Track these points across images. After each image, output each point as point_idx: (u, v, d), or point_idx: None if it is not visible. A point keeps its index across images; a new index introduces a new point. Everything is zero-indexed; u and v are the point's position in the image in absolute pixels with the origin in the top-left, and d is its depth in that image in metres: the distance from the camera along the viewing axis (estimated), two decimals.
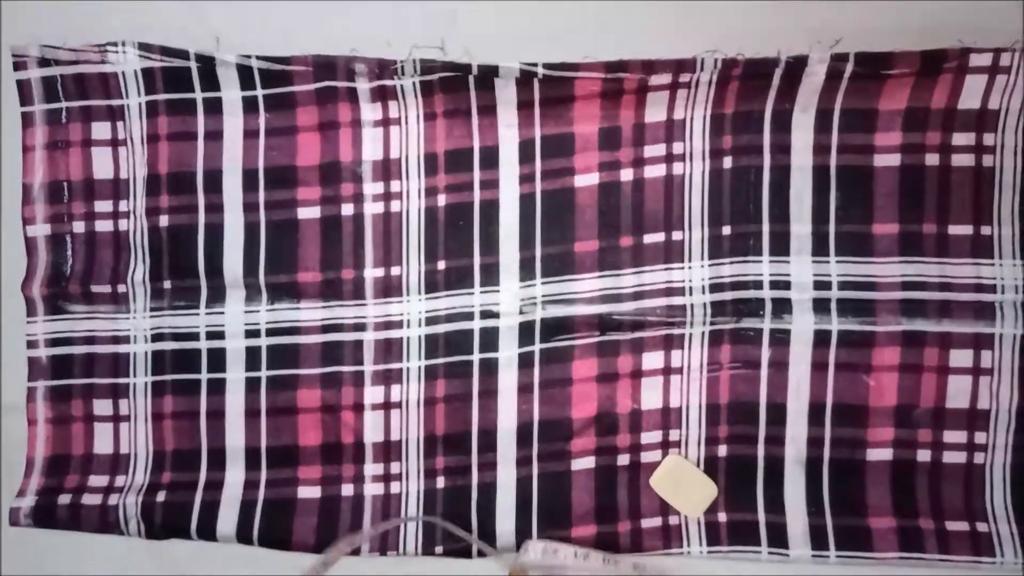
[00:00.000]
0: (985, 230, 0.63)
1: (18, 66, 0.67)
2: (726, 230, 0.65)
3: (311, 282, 0.67)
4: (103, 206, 0.68)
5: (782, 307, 0.65)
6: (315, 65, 0.64)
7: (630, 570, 0.64)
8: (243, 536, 0.67)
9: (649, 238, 0.65)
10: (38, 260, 0.69)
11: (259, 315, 0.67)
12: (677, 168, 0.65)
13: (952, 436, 0.64)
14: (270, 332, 0.67)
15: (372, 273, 0.67)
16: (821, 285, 0.64)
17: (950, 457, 0.64)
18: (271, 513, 0.67)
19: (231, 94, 0.66)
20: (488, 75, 0.62)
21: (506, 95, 0.64)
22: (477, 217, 0.66)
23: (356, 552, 0.66)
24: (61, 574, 0.69)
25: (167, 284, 0.67)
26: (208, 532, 0.67)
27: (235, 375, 0.67)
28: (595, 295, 0.66)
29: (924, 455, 0.64)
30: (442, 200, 0.66)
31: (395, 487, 0.67)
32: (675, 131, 0.65)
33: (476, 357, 0.67)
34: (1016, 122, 0.62)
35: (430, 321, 0.67)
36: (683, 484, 0.66)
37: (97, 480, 0.68)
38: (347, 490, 0.67)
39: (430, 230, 0.66)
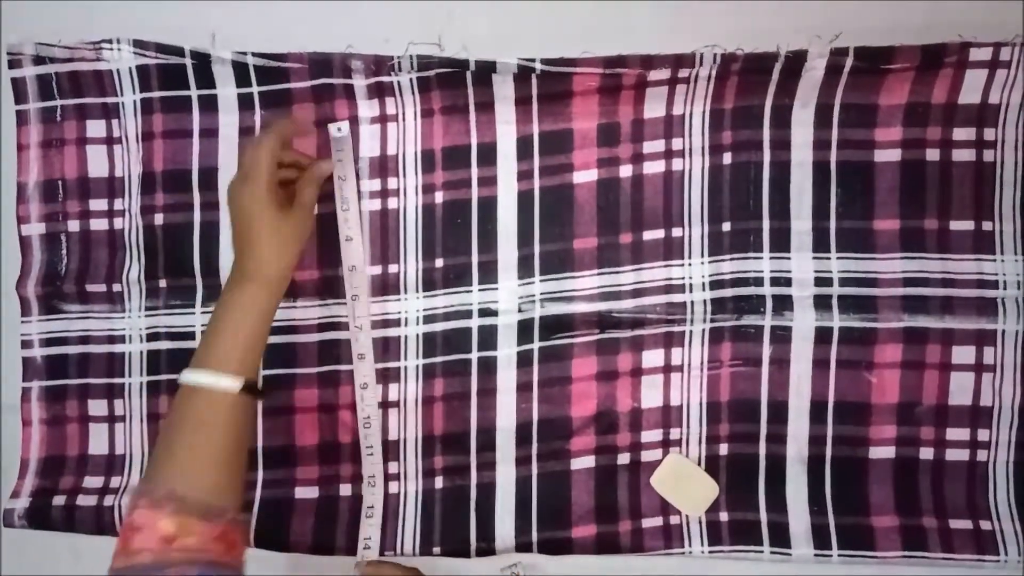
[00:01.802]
0: (987, 225, 0.63)
1: (13, 64, 0.66)
2: (726, 226, 0.64)
3: (308, 280, 0.66)
4: (98, 204, 0.68)
5: (783, 304, 0.64)
6: (311, 62, 0.64)
7: None
8: None
9: (649, 235, 0.65)
10: (33, 259, 0.68)
11: None
12: (676, 164, 0.64)
13: (955, 433, 0.64)
14: None
15: (369, 271, 0.66)
16: (822, 281, 0.64)
17: (953, 455, 0.64)
18: (268, 513, 0.66)
19: (227, 91, 0.65)
20: (486, 71, 0.62)
21: (504, 91, 0.63)
22: (475, 214, 0.66)
23: (352, 552, 0.66)
24: (61, 574, 0.68)
25: (162, 283, 0.67)
26: None
27: None
28: (594, 293, 0.65)
29: (927, 453, 0.64)
30: (440, 197, 0.66)
31: (393, 487, 0.66)
32: (674, 127, 0.64)
33: (474, 356, 0.66)
34: (1016, 117, 0.62)
35: (428, 319, 0.66)
36: (684, 483, 0.65)
37: (92, 481, 0.68)
38: (345, 490, 0.66)
39: (428, 227, 0.66)
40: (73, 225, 0.68)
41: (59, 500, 0.67)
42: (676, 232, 0.65)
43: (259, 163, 0.56)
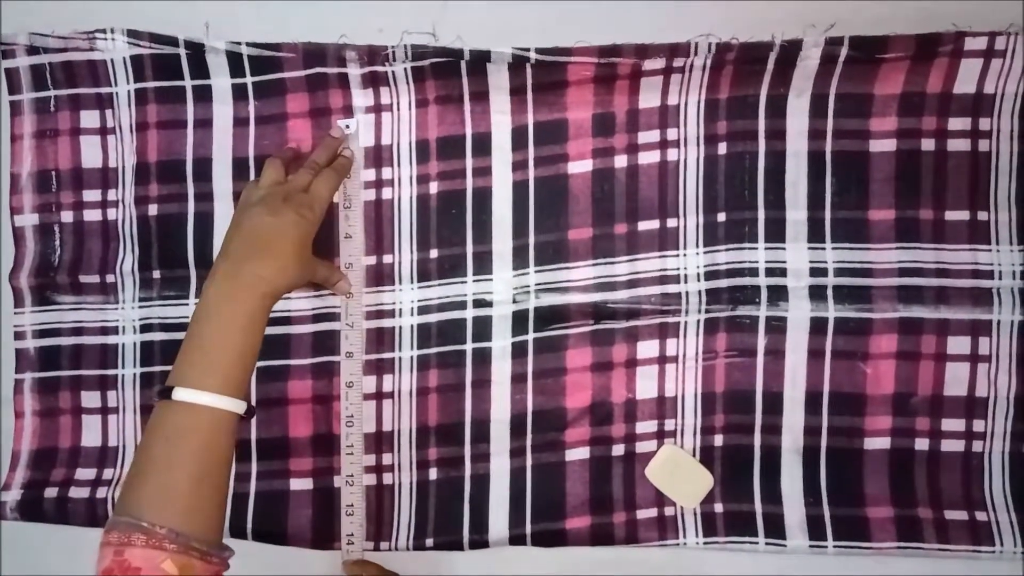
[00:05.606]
0: (982, 215, 0.63)
1: (7, 54, 0.66)
2: (721, 217, 0.64)
3: None
4: (91, 195, 0.68)
5: (778, 294, 0.64)
6: (305, 52, 0.63)
7: None
8: (236, 529, 0.66)
9: (644, 225, 0.65)
10: (26, 250, 0.68)
11: None
12: (671, 154, 0.64)
13: (950, 424, 0.64)
14: None
15: (364, 261, 0.66)
16: (817, 272, 0.64)
17: (948, 445, 0.64)
18: (264, 506, 0.66)
19: (220, 82, 0.65)
20: (480, 60, 0.62)
21: (498, 81, 0.63)
22: (470, 205, 0.65)
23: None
24: (62, 573, 0.68)
25: (156, 274, 0.67)
26: None
27: None
28: (589, 283, 0.65)
29: (922, 444, 0.64)
30: (434, 187, 0.65)
31: (387, 478, 0.66)
32: (669, 117, 0.64)
33: (469, 347, 0.66)
34: (1012, 106, 0.62)
35: (422, 310, 0.66)
36: (679, 474, 0.65)
37: (85, 473, 0.67)
38: (339, 482, 0.66)
39: (422, 218, 0.66)
40: (67, 216, 0.68)
41: (51, 492, 0.67)
42: (671, 222, 0.65)
43: (323, 203, 0.59)
